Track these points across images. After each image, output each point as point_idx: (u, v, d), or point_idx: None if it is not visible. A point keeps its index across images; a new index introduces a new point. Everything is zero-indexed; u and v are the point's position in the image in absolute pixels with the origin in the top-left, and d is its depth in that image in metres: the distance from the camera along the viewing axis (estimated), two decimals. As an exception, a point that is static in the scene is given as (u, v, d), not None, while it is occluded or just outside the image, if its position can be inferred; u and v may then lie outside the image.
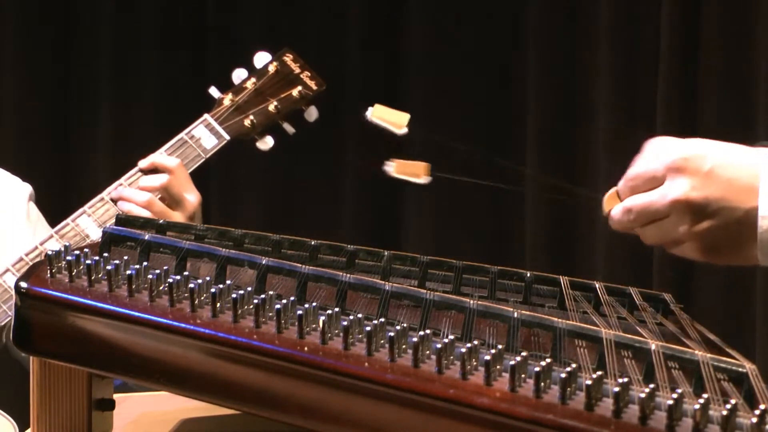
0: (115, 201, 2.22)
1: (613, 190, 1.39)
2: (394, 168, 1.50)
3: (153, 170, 2.23)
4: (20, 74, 3.29)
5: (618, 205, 1.36)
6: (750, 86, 2.79)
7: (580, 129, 3.06)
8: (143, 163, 2.24)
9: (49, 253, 1.30)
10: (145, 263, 1.30)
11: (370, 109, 1.51)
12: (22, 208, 2.32)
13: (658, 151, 1.32)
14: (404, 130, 1.50)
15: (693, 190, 1.28)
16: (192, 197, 2.24)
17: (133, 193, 2.21)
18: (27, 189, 2.36)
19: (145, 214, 2.19)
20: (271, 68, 2.34)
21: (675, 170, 1.30)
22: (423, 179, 1.49)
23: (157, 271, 1.26)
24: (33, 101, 3.32)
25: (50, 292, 1.28)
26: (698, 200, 1.27)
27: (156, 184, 2.21)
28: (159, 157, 2.24)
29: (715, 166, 1.28)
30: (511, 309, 1.23)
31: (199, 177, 2.33)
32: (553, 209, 3.08)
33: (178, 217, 2.22)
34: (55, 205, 2.61)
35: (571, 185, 1.47)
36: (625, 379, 1.08)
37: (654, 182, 1.32)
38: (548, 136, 3.08)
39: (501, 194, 3.16)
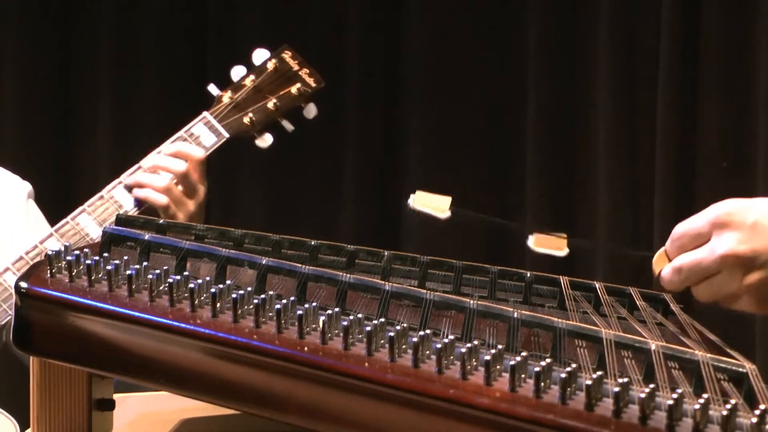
0: (129, 189, 2.22)
1: (661, 250, 1.39)
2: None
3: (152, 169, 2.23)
4: (20, 73, 3.29)
5: (668, 266, 1.36)
6: (750, 86, 2.79)
7: (580, 129, 3.06)
8: (168, 149, 2.23)
9: (49, 253, 1.30)
10: (145, 263, 1.30)
11: (411, 196, 1.52)
12: (21, 207, 2.32)
13: (705, 210, 1.33)
14: (447, 214, 1.51)
15: (740, 244, 1.29)
16: (203, 188, 2.26)
17: (153, 178, 2.21)
18: (26, 187, 2.35)
19: (162, 200, 2.19)
20: (270, 65, 2.34)
21: (720, 225, 1.31)
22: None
23: (157, 271, 1.26)
24: (33, 100, 3.32)
25: (50, 292, 1.28)
26: (747, 253, 1.28)
27: (179, 169, 2.21)
28: (185, 145, 2.24)
29: (760, 217, 1.29)
30: (511, 309, 1.23)
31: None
32: (554, 209, 3.08)
33: (191, 205, 2.22)
34: (55, 204, 2.61)
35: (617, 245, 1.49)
36: (625, 379, 1.08)
37: (700, 239, 1.33)
38: (548, 136, 3.08)
39: (501, 194, 3.16)
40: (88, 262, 1.28)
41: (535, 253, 1.47)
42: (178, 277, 1.25)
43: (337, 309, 1.21)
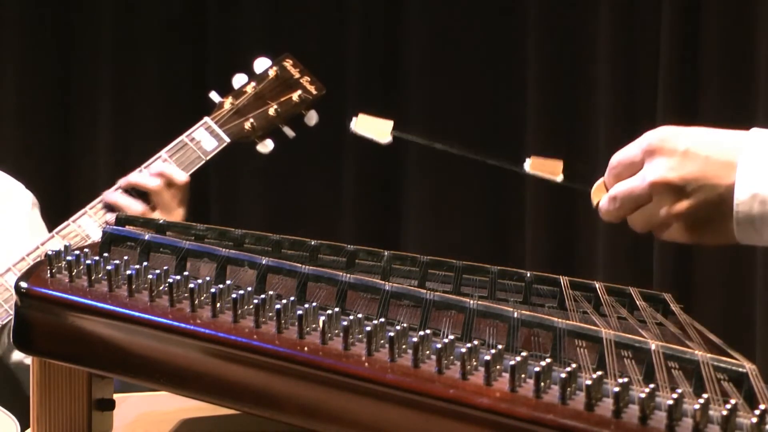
0: (124, 189, 2.21)
1: (600, 181, 1.38)
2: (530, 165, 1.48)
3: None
4: (20, 75, 3.29)
5: (604, 195, 1.35)
6: (750, 86, 2.79)
7: (580, 129, 3.06)
8: (152, 168, 2.23)
9: (50, 253, 1.30)
10: (145, 263, 1.30)
11: (353, 119, 1.50)
12: (25, 214, 2.32)
13: (640, 137, 1.31)
14: (389, 139, 1.48)
15: (670, 171, 1.26)
16: (181, 212, 2.25)
17: (146, 178, 2.21)
18: (29, 197, 2.35)
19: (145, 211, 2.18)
20: (271, 73, 2.35)
21: (651, 152, 1.28)
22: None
23: (157, 271, 1.26)
24: (33, 102, 3.32)
25: (50, 292, 1.28)
26: (676, 180, 1.25)
27: (154, 188, 2.21)
28: (168, 167, 2.23)
29: (692, 144, 1.26)
30: (511, 309, 1.23)
31: (199, 177, 2.33)
32: (554, 209, 3.08)
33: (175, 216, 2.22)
34: (56, 205, 2.61)
35: (566, 182, 1.46)
36: (625, 379, 1.08)
37: (634, 167, 1.31)
38: (548, 136, 3.08)
39: (502, 195, 3.16)
40: (88, 262, 1.28)
41: (530, 177, 1.45)
42: (178, 277, 1.25)
43: (337, 309, 1.21)
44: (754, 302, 2.83)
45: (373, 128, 1.46)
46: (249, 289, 1.25)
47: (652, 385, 1.07)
